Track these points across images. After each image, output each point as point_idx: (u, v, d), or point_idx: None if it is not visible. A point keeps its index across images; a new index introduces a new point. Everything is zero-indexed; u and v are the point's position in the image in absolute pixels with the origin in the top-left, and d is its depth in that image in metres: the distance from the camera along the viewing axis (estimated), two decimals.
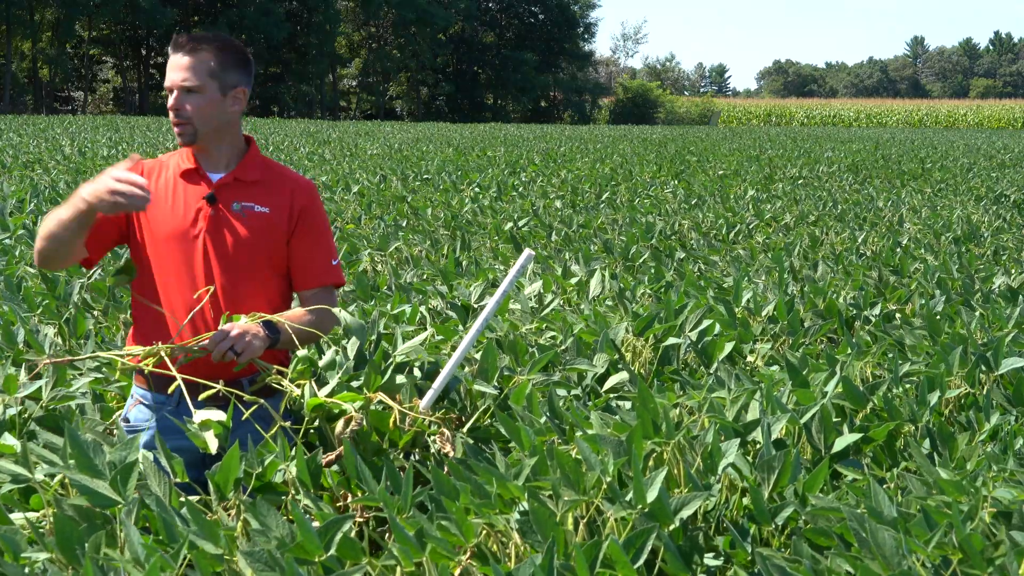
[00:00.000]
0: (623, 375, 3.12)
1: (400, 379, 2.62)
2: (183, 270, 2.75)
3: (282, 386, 2.63)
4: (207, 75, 2.71)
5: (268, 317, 2.68)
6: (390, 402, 2.52)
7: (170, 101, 2.72)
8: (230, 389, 2.59)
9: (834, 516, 2.00)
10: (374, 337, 2.95)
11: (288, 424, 2.50)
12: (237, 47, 2.79)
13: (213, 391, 2.56)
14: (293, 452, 2.28)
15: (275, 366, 2.71)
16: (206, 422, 2.38)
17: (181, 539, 1.83)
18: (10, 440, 2.40)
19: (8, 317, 3.95)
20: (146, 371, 2.60)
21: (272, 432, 2.47)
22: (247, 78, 2.81)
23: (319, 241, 2.87)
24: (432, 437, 2.52)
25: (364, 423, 2.45)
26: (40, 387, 2.84)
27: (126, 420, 2.84)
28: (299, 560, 1.82)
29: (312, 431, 2.58)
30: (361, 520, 2.27)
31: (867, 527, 1.79)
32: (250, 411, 2.54)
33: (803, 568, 1.81)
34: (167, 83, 2.73)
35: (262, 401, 2.57)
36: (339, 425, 2.44)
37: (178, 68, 2.71)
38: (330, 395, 2.53)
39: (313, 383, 2.60)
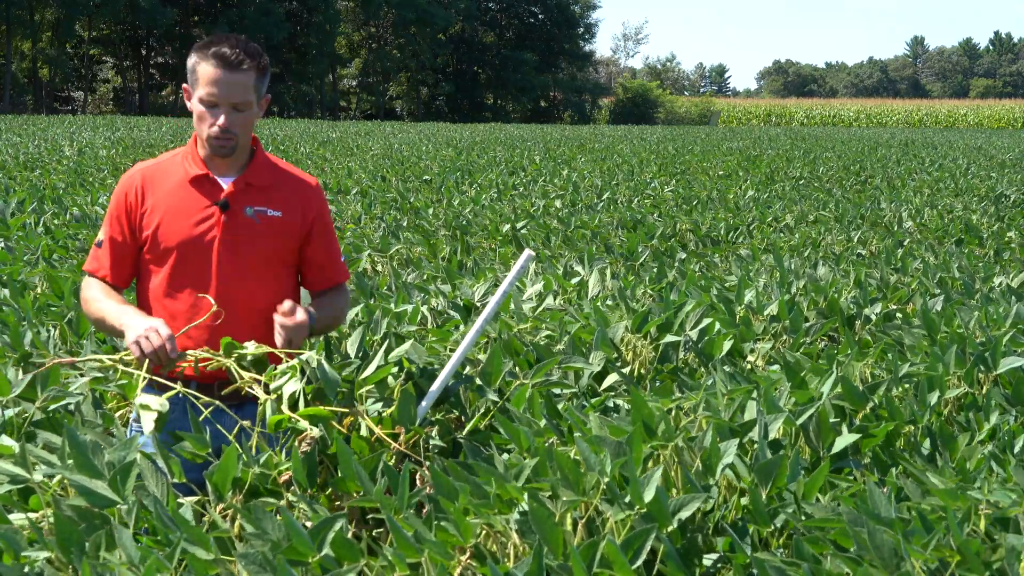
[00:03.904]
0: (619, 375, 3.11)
1: (391, 380, 2.61)
2: (198, 276, 2.76)
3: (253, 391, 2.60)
4: (252, 91, 2.72)
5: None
6: (366, 420, 2.47)
7: (219, 119, 2.69)
8: (190, 393, 2.56)
9: (830, 526, 1.98)
10: (378, 337, 2.95)
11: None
12: (264, 56, 2.78)
13: (234, 387, 2.54)
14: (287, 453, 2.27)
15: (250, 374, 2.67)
16: (144, 406, 2.38)
17: (176, 542, 1.82)
18: (8, 441, 2.39)
19: (9, 319, 3.94)
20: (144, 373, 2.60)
21: (255, 436, 2.46)
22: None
23: (331, 243, 2.94)
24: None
25: (320, 440, 2.41)
26: (35, 386, 2.83)
27: (136, 421, 2.84)
28: (294, 562, 1.82)
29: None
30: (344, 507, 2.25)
31: (866, 529, 1.79)
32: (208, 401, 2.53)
33: (802, 571, 1.81)
34: (212, 96, 2.68)
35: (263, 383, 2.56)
36: (294, 444, 2.40)
37: (228, 84, 2.67)
38: (291, 406, 2.45)
39: (292, 386, 2.54)
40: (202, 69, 2.69)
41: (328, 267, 2.92)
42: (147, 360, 2.51)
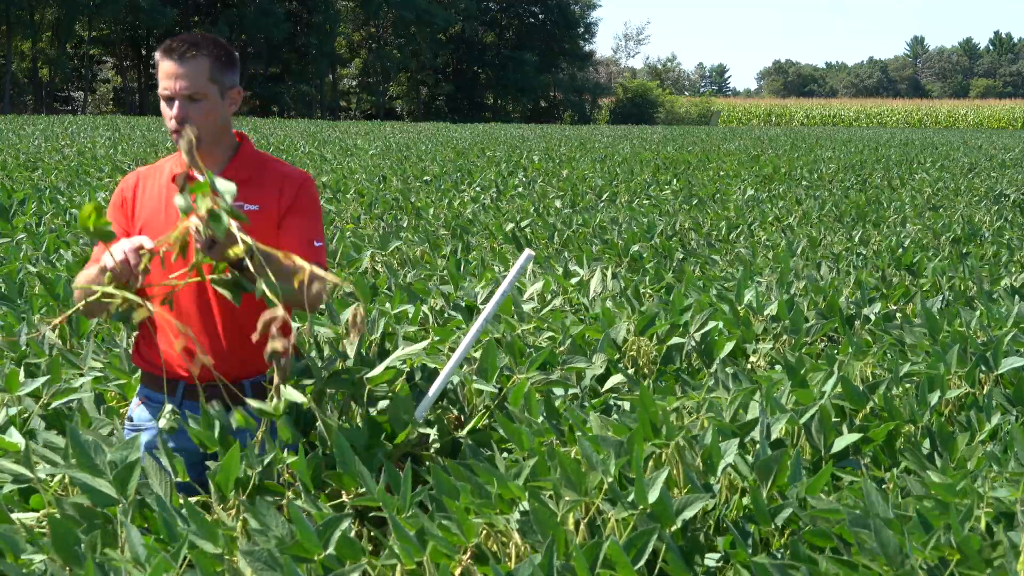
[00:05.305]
0: (622, 375, 3.11)
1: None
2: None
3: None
4: (208, 81, 2.67)
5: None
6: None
7: (173, 110, 2.65)
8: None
9: (833, 518, 1.99)
10: (377, 336, 2.95)
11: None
12: (228, 47, 2.75)
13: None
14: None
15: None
16: None
17: (181, 539, 1.83)
18: (15, 437, 2.39)
19: (9, 319, 3.94)
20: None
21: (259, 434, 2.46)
22: (238, 77, 2.79)
23: (301, 222, 2.80)
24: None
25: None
26: (39, 386, 2.84)
27: (130, 419, 2.84)
28: (298, 559, 1.82)
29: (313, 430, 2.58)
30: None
31: (870, 527, 1.79)
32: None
33: (800, 573, 1.81)
34: (165, 90, 2.67)
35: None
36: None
37: (177, 76, 2.64)
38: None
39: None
40: (160, 66, 2.69)
41: (290, 244, 2.68)
42: (118, 273, 2.36)
